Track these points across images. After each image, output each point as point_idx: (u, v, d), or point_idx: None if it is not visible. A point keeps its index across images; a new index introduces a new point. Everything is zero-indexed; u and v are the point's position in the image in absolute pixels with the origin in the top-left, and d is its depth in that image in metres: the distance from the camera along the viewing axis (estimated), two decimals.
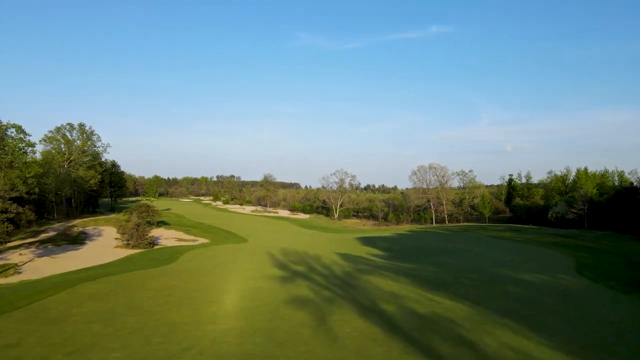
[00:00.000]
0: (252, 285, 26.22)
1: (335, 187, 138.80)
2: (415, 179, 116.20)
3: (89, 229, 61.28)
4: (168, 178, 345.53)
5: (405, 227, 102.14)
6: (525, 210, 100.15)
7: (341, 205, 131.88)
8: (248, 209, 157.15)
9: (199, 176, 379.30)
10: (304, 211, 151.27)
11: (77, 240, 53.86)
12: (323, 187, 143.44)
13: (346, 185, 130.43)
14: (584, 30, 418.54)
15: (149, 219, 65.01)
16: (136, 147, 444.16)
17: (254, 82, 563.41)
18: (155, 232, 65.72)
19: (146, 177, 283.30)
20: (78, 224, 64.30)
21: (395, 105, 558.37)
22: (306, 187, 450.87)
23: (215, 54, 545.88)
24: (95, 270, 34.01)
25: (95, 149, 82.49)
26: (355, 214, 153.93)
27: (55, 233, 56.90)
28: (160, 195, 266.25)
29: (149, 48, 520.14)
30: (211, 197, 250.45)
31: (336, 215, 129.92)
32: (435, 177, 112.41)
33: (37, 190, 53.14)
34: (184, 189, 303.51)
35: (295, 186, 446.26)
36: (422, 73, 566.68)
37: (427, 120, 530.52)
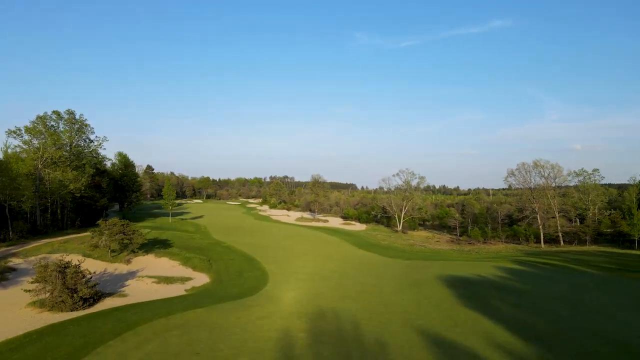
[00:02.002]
0: None
1: (394, 187, 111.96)
2: (514, 180, 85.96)
3: (33, 259, 41.14)
4: (219, 179, 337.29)
5: (503, 250, 73.16)
6: None
7: (406, 214, 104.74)
8: (294, 216, 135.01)
9: (252, 177, 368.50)
10: (359, 219, 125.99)
11: None
12: (380, 187, 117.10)
13: (412, 188, 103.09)
14: None
15: (125, 241, 44.07)
16: (196, 148, 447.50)
17: (312, 83, 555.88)
18: (139, 261, 44.63)
19: (197, 179, 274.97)
20: (28, 250, 44.77)
21: (452, 103, 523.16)
22: (362, 188, 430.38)
23: (274, 58, 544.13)
24: None
25: (87, 144, 64.13)
26: (422, 222, 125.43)
27: None
28: (208, 197, 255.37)
29: (220, 54, 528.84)
30: (260, 200, 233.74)
31: (399, 227, 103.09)
32: (542, 178, 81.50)
33: None
34: (235, 190, 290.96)
35: (351, 187, 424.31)
36: (482, 69, 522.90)
37: (487, 118, 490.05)
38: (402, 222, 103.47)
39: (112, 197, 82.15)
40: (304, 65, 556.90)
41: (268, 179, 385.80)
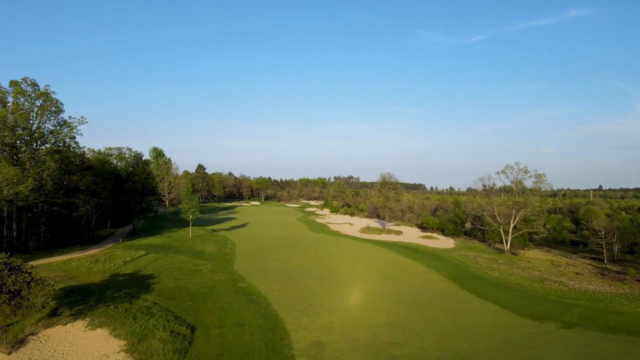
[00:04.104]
0: None
1: (483, 188, 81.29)
2: None
3: None
4: (281, 179, 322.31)
5: None
6: None
7: (515, 228, 74.10)
8: (358, 225, 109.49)
9: (315, 177, 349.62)
10: (442, 230, 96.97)
11: None
12: (470, 189, 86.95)
13: (527, 190, 72.03)
14: None
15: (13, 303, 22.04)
16: (262, 149, 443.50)
17: (375, 83, 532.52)
18: (46, 340, 22.31)
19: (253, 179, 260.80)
20: None
21: (526, 99, 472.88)
22: (431, 188, 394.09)
23: (338, 59, 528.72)
24: None
25: (58, 128, 44.66)
26: (530, 235, 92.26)
27: None
28: (267, 199, 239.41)
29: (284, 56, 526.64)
30: (322, 202, 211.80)
31: (507, 246, 72.92)
32: None
33: None
34: (296, 191, 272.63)
35: (419, 188, 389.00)
36: (557, 63, 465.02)
37: (564, 115, 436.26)
38: (510, 239, 73.13)
39: (114, 204, 64.06)
40: (367, 65, 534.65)
41: (332, 180, 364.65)
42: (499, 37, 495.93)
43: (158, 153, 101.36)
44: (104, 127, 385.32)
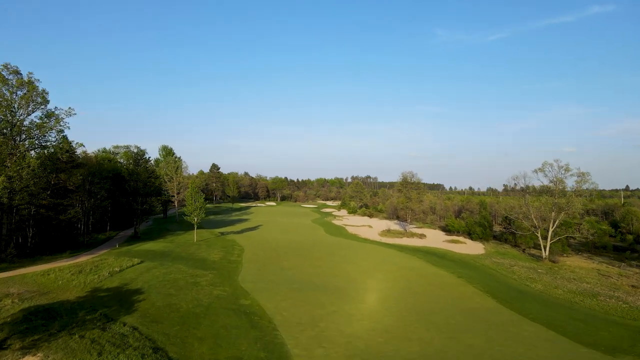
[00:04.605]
0: None
1: (516, 187, 73.34)
2: None
3: None
4: (297, 179, 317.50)
5: None
6: None
7: (555, 234, 66.39)
8: (377, 227, 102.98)
9: (332, 177, 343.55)
10: (469, 234, 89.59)
11: None
12: (491, 189, 79.42)
13: (569, 190, 64.19)
14: None
15: None
16: (279, 149, 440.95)
17: (392, 83, 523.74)
18: None
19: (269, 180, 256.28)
20: None
21: (545, 98, 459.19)
22: (450, 188, 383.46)
23: (353, 60, 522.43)
24: None
25: (43, 121, 39.93)
26: (568, 240, 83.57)
27: None
28: (283, 199, 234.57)
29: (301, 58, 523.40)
30: (339, 203, 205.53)
31: (546, 252, 65.40)
32: None
33: None
34: (313, 191, 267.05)
35: (439, 188, 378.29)
36: (580, 61, 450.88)
37: (588, 113, 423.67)
38: (549, 244, 65.55)
39: (115, 205, 59.55)
40: (385, 65, 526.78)
41: (349, 179, 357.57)
42: (519, 35, 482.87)
43: (167, 152, 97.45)
44: (117, 127, 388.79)
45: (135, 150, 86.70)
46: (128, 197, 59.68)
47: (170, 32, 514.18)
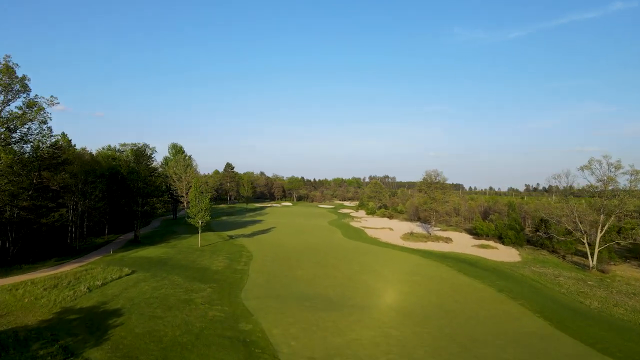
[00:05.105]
0: None
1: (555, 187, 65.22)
2: None
3: None
4: (314, 179, 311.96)
5: None
6: None
7: (603, 239, 58.49)
8: (398, 229, 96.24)
9: (350, 177, 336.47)
10: (500, 238, 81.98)
11: None
12: (512, 189, 71.79)
13: (620, 189, 56.14)
14: None
15: None
16: (297, 149, 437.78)
17: (409, 83, 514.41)
18: None
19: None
20: None
21: (566, 96, 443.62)
22: (470, 188, 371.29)
23: (374, 59, 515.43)
24: None
25: (24, 113, 35.05)
26: (616, 245, 74.60)
27: None
28: (299, 199, 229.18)
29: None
30: (357, 203, 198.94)
31: (593, 260, 57.67)
32: None
33: None
34: (330, 192, 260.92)
35: (459, 188, 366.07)
36: (602, 57, 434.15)
37: (609, 112, 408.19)
38: (597, 251, 57.77)
39: (114, 206, 54.80)
40: (402, 65, 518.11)
41: (367, 179, 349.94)
42: (540, 32, 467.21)
43: (177, 150, 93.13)
44: (126, 127, 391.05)
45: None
46: (127, 198, 54.97)
47: (186, 33, 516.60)
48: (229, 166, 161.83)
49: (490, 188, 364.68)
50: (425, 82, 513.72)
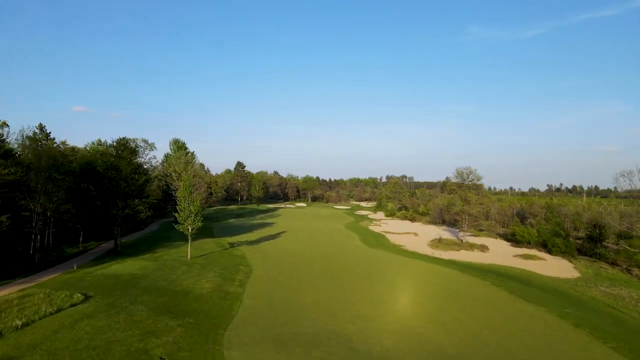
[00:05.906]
0: None
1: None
2: None
3: None
4: (329, 179, 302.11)
5: None
6: None
7: None
8: (424, 235, 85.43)
9: (366, 177, 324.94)
10: (545, 246, 70.48)
11: None
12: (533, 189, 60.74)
13: None
14: None
15: None
16: (311, 149, 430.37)
17: (424, 83, 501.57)
18: None
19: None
20: None
21: (584, 94, 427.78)
22: (489, 188, 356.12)
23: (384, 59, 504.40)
24: None
25: None
26: None
27: None
28: (314, 199, 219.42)
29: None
30: (375, 204, 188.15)
31: None
32: None
33: None
34: (345, 192, 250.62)
35: (478, 188, 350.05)
36: (621, 55, 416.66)
37: (629, 110, 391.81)
38: None
39: (89, 210, 46.19)
40: (417, 65, 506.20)
41: (384, 179, 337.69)
42: (558, 30, 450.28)
43: (179, 145, 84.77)
44: (142, 127, 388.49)
45: (143, 145, 74.62)
46: (103, 199, 46.12)
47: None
48: (239, 165, 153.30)
49: (511, 188, 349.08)
50: (439, 83, 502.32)
